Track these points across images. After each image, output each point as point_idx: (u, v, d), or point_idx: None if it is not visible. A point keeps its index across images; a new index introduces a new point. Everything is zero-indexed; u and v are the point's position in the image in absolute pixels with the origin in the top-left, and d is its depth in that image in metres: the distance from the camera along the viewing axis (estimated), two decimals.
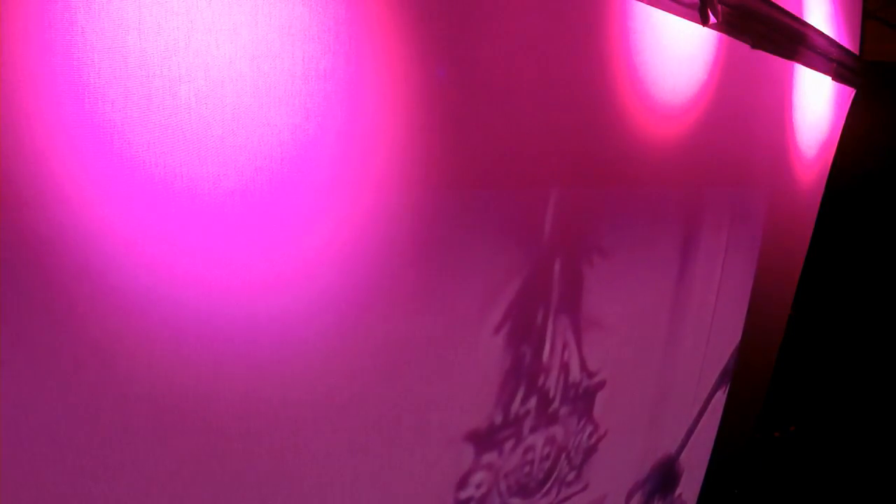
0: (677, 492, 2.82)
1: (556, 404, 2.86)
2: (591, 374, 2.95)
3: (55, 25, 0.96)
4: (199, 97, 1.04)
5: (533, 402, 2.86)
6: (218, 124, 1.06)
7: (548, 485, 2.69)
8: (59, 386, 1.04)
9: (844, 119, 3.64)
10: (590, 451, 2.77)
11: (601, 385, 2.92)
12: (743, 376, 3.08)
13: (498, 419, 2.75)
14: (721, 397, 3.12)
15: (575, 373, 3.09)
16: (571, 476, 2.74)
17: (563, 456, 2.73)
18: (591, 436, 2.81)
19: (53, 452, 1.08)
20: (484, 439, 2.64)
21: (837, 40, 3.17)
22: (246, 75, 1.06)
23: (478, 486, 2.54)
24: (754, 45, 2.32)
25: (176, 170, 1.04)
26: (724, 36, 2.45)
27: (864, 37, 3.60)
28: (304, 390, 1.38)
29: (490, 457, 2.60)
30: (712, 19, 1.84)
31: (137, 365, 1.09)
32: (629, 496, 2.81)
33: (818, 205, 3.58)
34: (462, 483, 2.48)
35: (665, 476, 2.46)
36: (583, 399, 2.93)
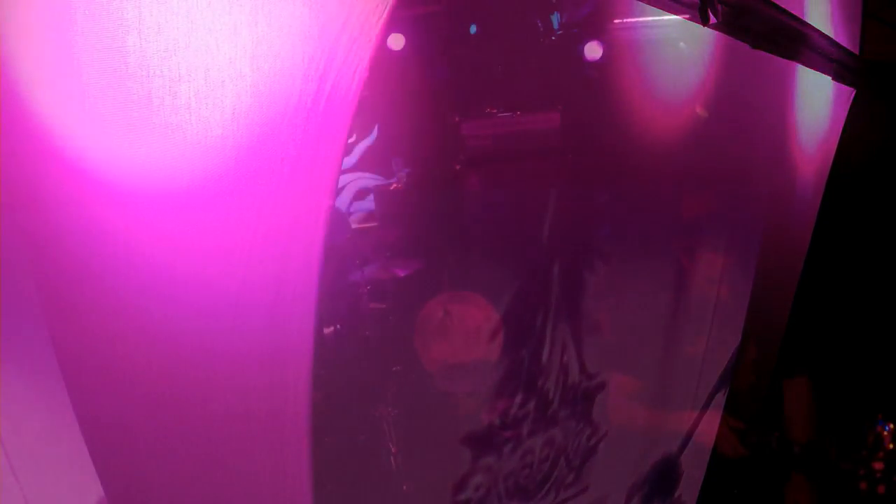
0: (677, 493, 2.82)
1: (555, 406, 2.87)
2: (590, 376, 2.94)
3: (56, 25, 0.96)
4: (199, 97, 1.04)
5: (532, 404, 2.87)
6: (218, 124, 1.06)
7: (547, 487, 2.68)
8: (59, 386, 1.04)
9: (844, 119, 3.64)
10: (589, 453, 2.76)
11: (601, 387, 2.91)
12: (743, 376, 3.07)
13: (497, 422, 2.75)
14: (721, 398, 3.12)
15: (574, 375, 3.09)
16: (570, 478, 2.74)
17: (563, 458, 2.73)
18: (590, 437, 2.81)
19: (52, 453, 1.07)
20: (482, 442, 2.64)
21: (837, 40, 3.17)
22: (246, 75, 1.06)
23: (476, 489, 2.54)
24: (754, 45, 2.32)
25: (176, 170, 1.04)
26: (724, 36, 2.45)
27: (864, 37, 3.60)
28: (304, 392, 1.37)
29: (489, 459, 2.60)
30: (712, 19, 1.84)
31: (137, 364, 1.09)
32: (629, 498, 2.81)
33: (818, 205, 3.58)
34: (461, 485, 2.48)
35: (665, 477, 2.46)
36: (582, 401, 2.93)
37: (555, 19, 4.24)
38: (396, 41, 4.07)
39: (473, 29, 4.18)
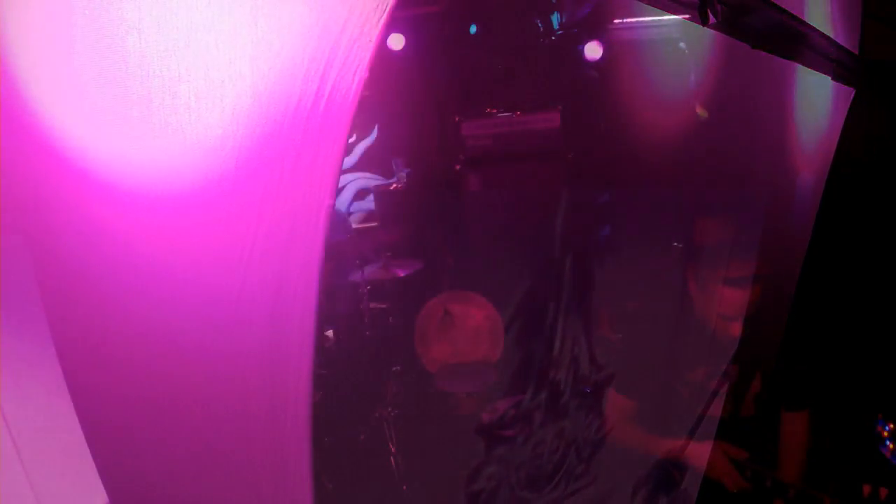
0: (682, 486, 2.83)
1: (566, 398, 2.89)
2: (599, 368, 2.96)
3: (56, 25, 0.96)
4: (199, 97, 1.04)
5: (543, 396, 2.89)
6: (218, 124, 1.06)
7: (557, 477, 2.69)
8: (60, 386, 1.04)
9: (844, 119, 3.64)
10: (598, 445, 2.77)
11: (609, 379, 2.92)
12: (745, 407, 3.08)
13: (510, 413, 2.77)
14: (723, 394, 3.13)
15: (584, 367, 3.12)
16: (580, 469, 2.74)
17: (573, 449, 2.73)
18: (599, 429, 2.82)
19: (53, 454, 1.07)
20: (496, 433, 2.66)
21: (837, 40, 3.17)
22: (246, 75, 1.06)
23: (489, 479, 2.56)
24: (754, 45, 2.32)
25: (176, 170, 1.04)
26: (724, 36, 2.45)
27: (864, 37, 3.60)
28: (304, 392, 1.37)
29: (501, 450, 2.62)
30: (712, 19, 1.83)
31: (137, 364, 1.09)
32: (636, 489, 2.82)
33: (818, 204, 3.58)
34: (474, 476, 2.49)
35: (670, 470, 2.46)
36: (591, 393, 2.95)
37: (555, 19, 4.24)
38: (396, 41, 4.07)
39: (473, 29, 4.19)
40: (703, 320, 1.53)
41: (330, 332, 3.23)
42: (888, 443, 2.38)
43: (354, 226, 4.36)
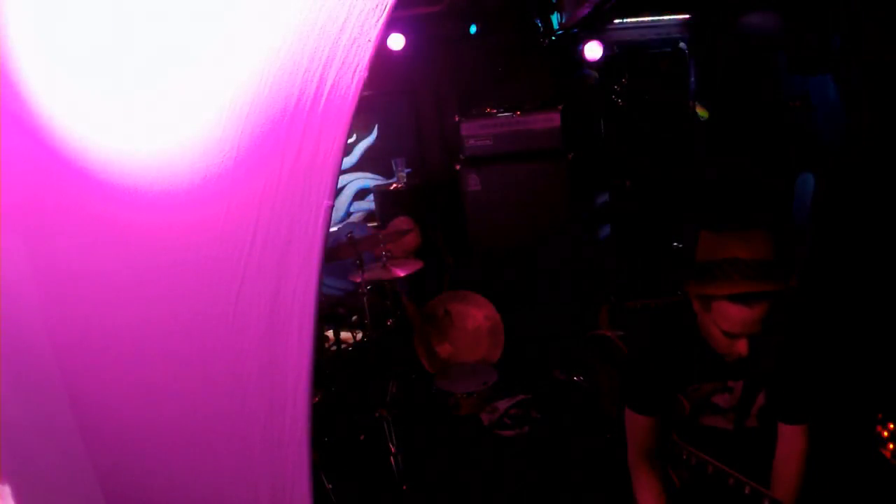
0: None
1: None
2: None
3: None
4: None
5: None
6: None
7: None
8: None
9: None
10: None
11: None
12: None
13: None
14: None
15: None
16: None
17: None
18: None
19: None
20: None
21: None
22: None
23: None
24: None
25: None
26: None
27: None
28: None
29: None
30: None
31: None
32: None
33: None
34: None
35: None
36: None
37: (555, 19, 4.25)
38: (396, 41, 4.09)
39: (473, 29, 4.19)
40: (707, 335, 1.52)
41: (330, 333, 3.23)
42: (888, 443, 2.37)
43: (355, 226, 4.38)
